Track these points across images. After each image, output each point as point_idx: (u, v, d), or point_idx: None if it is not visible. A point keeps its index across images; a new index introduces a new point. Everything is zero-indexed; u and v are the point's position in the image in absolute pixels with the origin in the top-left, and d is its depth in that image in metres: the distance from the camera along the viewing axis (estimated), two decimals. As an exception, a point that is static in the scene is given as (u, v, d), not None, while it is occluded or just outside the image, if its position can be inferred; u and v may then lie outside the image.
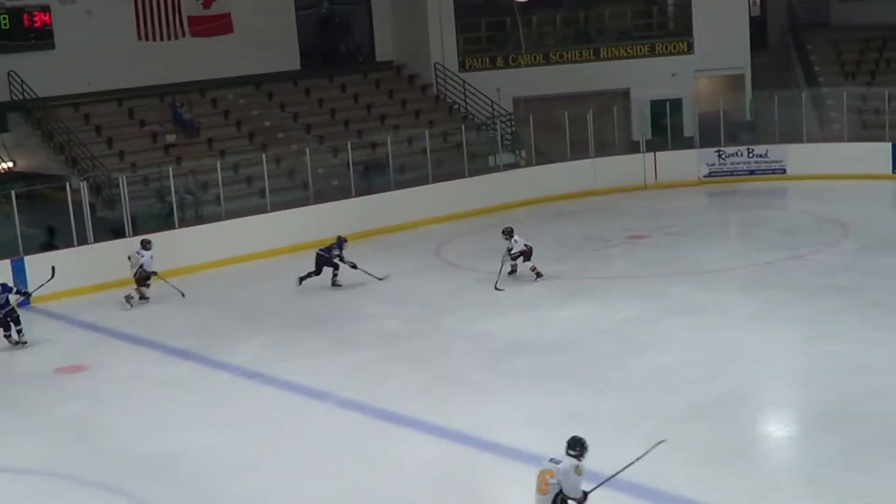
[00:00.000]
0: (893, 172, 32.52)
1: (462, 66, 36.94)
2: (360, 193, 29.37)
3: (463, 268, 25.01)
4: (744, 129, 36.26)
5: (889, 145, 33.16)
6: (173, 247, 24.94)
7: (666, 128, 35.31)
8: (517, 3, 31.64)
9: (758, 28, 40.31)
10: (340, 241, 23.47)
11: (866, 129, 35.46)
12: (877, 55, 39.32)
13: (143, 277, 22.47)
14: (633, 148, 34.78)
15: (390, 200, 28.52)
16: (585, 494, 10.58)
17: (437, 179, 30.81)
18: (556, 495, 10.54)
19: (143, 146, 30.63)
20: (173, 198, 26.51)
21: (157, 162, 29.16)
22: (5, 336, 20.03)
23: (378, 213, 25.58)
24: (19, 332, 20.09)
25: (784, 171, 33.48)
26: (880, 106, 34.92)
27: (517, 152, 34.80)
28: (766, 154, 33.93)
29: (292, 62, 35.66)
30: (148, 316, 21.47)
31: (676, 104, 35.88)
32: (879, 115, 34.93)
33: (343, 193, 29.18)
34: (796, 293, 20.98)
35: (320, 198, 28.74)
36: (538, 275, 22.78)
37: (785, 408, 15.82)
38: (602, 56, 37.62)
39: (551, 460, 10.66)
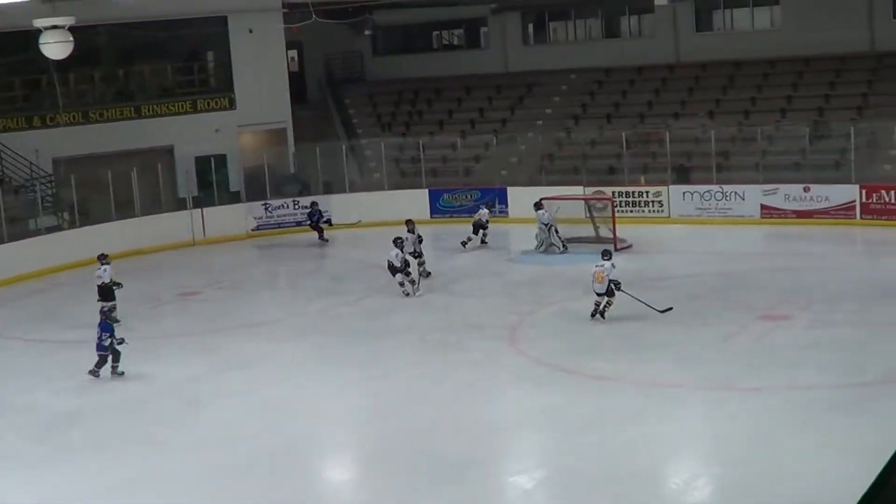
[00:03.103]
0: (431, 217, 34.13)
1: (-4, 128, 35.26)
2: None
3: (9, 337, 23.76)
4: (289, 182, 36.90)
5: (427, 191, 34.86)
6: None
7: (212, 183, 35.35)
8: (52, 60, 30.56)
9: (297, 83, 41.27)
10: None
11: (404, 177, 37.05)
12: (410, 107, 41.23)
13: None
14: (180, 205, 34.55)
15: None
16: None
17: (-25, 246, 29.21)
18: (609, 281, 20.70)
19: None
20: None
21: None
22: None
23: None
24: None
25: (330, 222, 34.31)
26: (416, 155, 36.65)
27: (59, 214, 33.57)
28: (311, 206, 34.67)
29: None
30: None
31: (221, 160, 36.07)
32: (415, 163, 36.63)
33: None
34: (350, 337, 21.49)
35: None
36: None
37: (348, 449, 16.13)
38: (144, 113, 37.03)
39: (598, 265, 20.96)
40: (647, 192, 32.31)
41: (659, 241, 29.28)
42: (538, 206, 28.69)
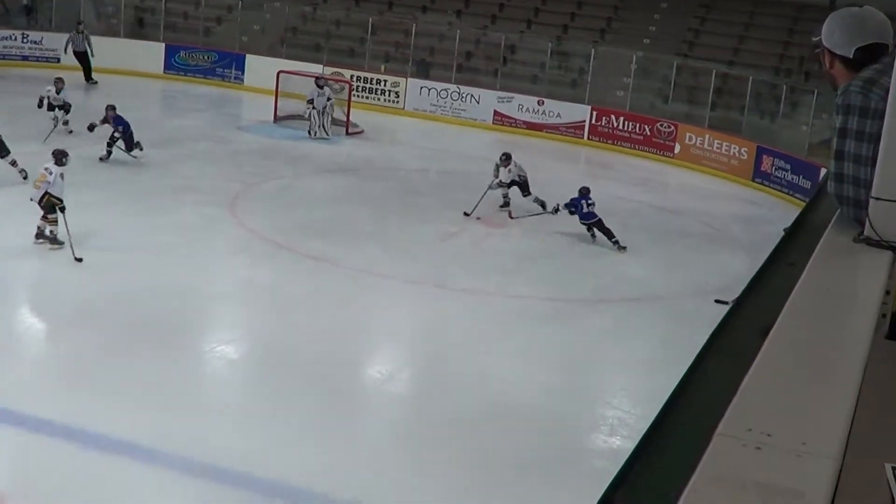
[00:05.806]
0: (164, 72, 33.19)
1: None
2: None
3: None
4: (20, 14, 35.01)
5: (163, 45, 33.81)
6: None
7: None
8: None
9: None
10: None
11: (142, 28, 35.83)
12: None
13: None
14: None
15: None
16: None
17: None
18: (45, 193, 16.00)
19: None
20: None
21: None
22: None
23: None
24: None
25: (59, 59, 32.82)
26: (156, 6, 35.52)
27: None
28: (41, 41, 33.07)
29: None
30: None
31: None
32: (155, 16, 35.49)
33: None
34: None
35: None
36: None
37: (49, 304, 15.64)
38: None
39: (46, 168, 16.13)
40: (385, 81, 32.33)
41: (391, 131, 29.43)
42: (320, 83, 27.81)
